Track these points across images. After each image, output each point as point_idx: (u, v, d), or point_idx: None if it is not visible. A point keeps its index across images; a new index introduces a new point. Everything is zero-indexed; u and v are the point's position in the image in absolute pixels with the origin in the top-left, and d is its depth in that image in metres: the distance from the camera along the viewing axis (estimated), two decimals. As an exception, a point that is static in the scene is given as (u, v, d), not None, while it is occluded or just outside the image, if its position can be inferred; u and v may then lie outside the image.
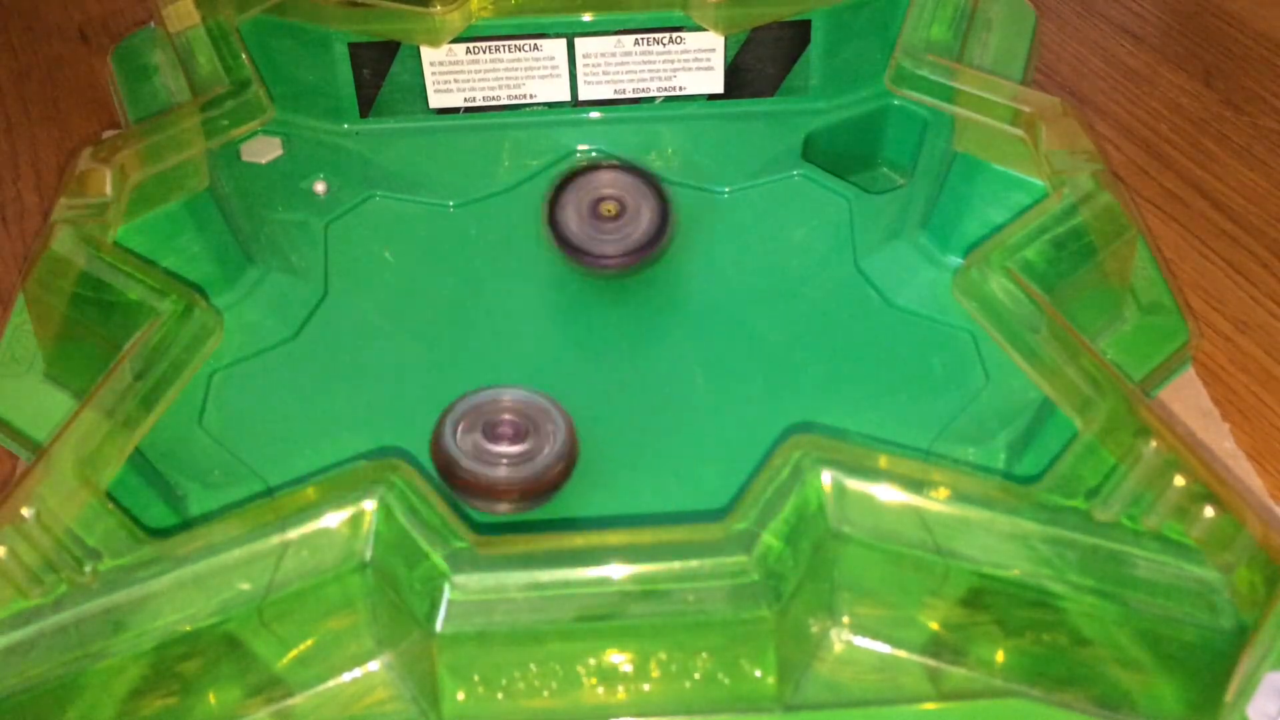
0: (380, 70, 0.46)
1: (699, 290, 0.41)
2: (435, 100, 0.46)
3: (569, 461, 0.33)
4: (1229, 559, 0.27)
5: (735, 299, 0.40)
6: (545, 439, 0.33)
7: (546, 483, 0.33)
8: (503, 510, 0.33)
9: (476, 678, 0.27)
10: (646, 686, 0.27)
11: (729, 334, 0.39)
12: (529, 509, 0.33)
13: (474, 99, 0.46)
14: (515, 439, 0.33)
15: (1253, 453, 0.37)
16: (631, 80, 0.46)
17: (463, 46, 0.45)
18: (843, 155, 0.46)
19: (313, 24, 0.45)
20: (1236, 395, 0.39)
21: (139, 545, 0.28)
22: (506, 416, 0.34)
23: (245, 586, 0.27)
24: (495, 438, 0.33)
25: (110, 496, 0.29)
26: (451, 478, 0.33)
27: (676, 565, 0.27)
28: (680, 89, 0.47)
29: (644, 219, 0.40)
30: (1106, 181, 0.37)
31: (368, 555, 0.27)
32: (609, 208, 0.40)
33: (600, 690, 0.27)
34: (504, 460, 0.33)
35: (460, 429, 0.33)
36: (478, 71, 0.46)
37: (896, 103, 0.45)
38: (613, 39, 0.45)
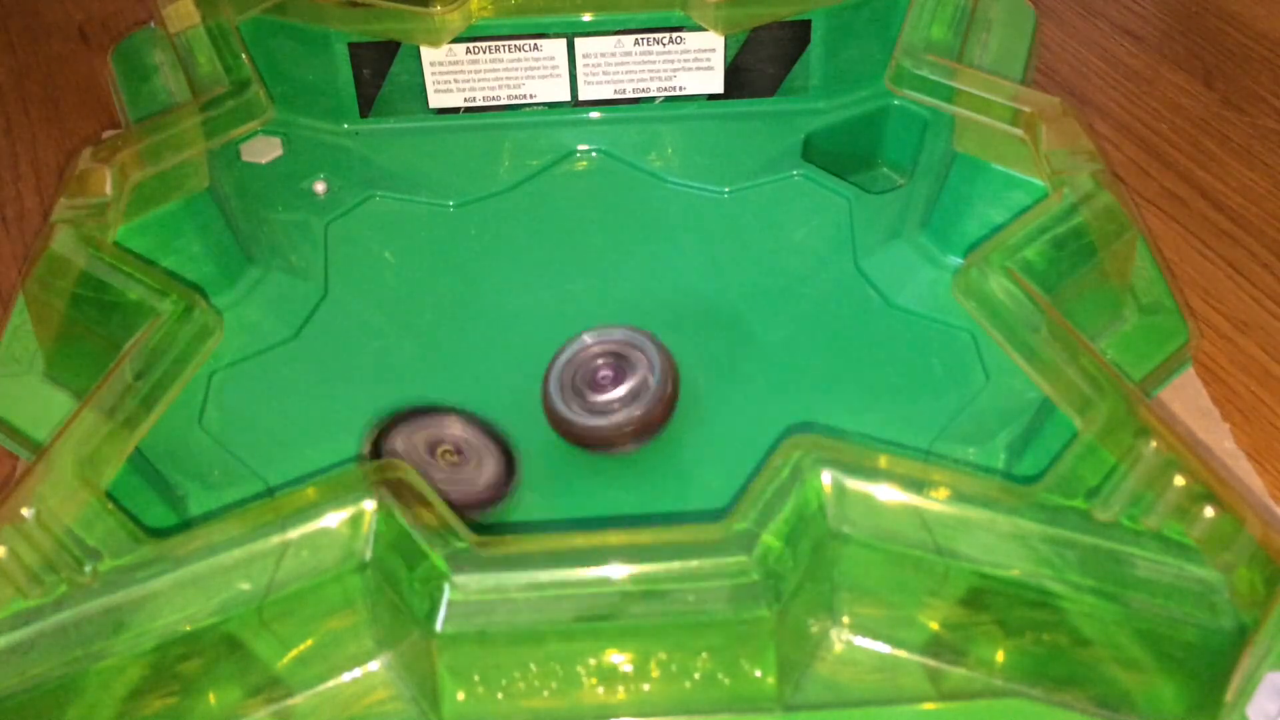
0: (380, 70, 0.46)
1: (699, 290, 0.41)
2: (435, 100, 0.46)
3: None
4: (1229, 559, 0.27)
5: (735, 299, 0.40)
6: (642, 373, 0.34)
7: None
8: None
9: (476, 678, 0.27)
10: (646, 686, 0.27)
11: (729, 333, 0.39)
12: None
13: (474, 99, 0.46)
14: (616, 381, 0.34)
15: (1253, 453, 0.37)
16: (631, 80, 0.46)
17: (463, 46, 0.45)
18: (843, 155, 0.46)
19: (313, 24, 0.45)
20: (1236, 395, 0.39)
21: (139, 545, 0.28)
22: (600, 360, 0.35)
23: (245, 586, 0.27)
24: (596, 385, 0.34)
25: (110, 496, 0.29)
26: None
27: (676, 565, 0.27)
28: (680, 89, 0.46)
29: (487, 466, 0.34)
30: (1106, 181, 0.37)
31: (368, 555, 0.27)
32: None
33: (600, 690, 0.27)
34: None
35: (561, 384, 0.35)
36: (478, 71, 0.46)
37: (896, 103, 0.45)
38: (613, 39, 0.45)
